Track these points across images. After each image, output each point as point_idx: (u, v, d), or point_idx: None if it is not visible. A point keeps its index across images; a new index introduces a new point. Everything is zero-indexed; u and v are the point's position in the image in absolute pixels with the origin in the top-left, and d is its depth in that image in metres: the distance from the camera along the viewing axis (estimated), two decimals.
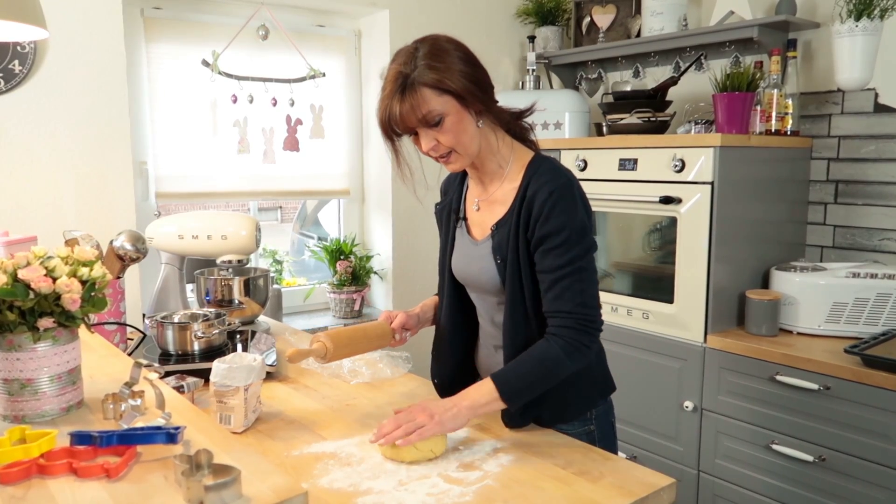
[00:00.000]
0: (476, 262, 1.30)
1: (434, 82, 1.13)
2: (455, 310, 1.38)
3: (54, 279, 0.93)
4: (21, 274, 0.91)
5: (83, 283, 0.97)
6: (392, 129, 1.18)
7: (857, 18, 2.05)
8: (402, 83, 1.13)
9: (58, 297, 0.93)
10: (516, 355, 1.22)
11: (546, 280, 1.18)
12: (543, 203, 1.16)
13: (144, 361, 1.01)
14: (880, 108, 2.18)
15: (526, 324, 1.24)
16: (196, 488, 0.72)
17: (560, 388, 1.23)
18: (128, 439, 0.83)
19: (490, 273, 1.26)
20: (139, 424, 0.91)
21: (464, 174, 1.38)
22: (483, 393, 1.16)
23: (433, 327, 1.48)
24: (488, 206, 1.29)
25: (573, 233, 1.16)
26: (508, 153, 1.27)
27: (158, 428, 0.86)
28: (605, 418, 1.35)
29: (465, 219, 1.35)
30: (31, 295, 0.91)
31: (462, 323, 1.39)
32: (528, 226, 1.19)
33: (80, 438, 0.83)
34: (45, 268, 0.94)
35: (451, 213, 1.38)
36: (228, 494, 0.72)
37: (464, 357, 1.42)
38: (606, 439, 1.34)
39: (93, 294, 0.98)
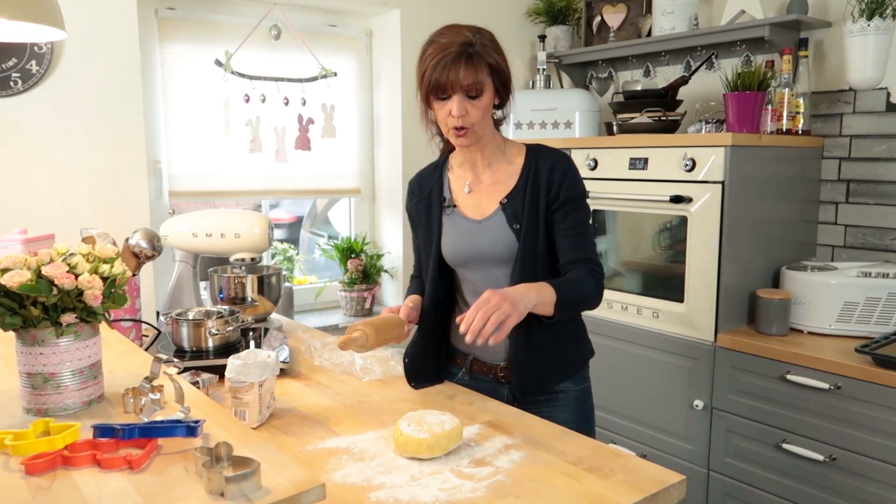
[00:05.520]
0: (485, 235, 1.40)
1: (493, 62, 1.31)
2: (438, 294, 1.48)
3: (76, 276, 0.95)
4: (45, 270, 0.93)
5: (104, 279, 0.99)
6: (441, 87, 1.29)
7: (870, 18, 2.05)
8: (467, 51, 1.29)
9: (80, 293, 0.95)
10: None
11: (570, 234, 1.37)
12: (565, 173, 1.37)
13: (164, 356, 1.03)
14: (892, 108, 2.17)
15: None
16: (217, 479, 0.73)
17: (565, 345, 1.42)
18: (149, 432, 0.85)
19: (506, 242, 1.38)
20: (159, 418, 0.93)
21: (442, 170, 1.49)
22: (547, 291, 1.26)
23: None
24: (487, 187, 1.43)
25: (585, 197, 1.40)
26: (501, 141, 1.45)
27: (178, 421, 0.87)
28: (589, 380, 1.51)
29: (454, 205, 1.45)
30: (55, 291, 0.93)
31: (442, 306, 1.50)
32: (549, 191, 1.36)
33: (102, 431, 0.85)
34: (68, 264, 0.96)
35: (431, 203, 1.48)
36: (248, 486, 0.74)
37: (441, 339, 1.51)
38: (591, 399, 1.50)
39: (113, 290, 1.01)
